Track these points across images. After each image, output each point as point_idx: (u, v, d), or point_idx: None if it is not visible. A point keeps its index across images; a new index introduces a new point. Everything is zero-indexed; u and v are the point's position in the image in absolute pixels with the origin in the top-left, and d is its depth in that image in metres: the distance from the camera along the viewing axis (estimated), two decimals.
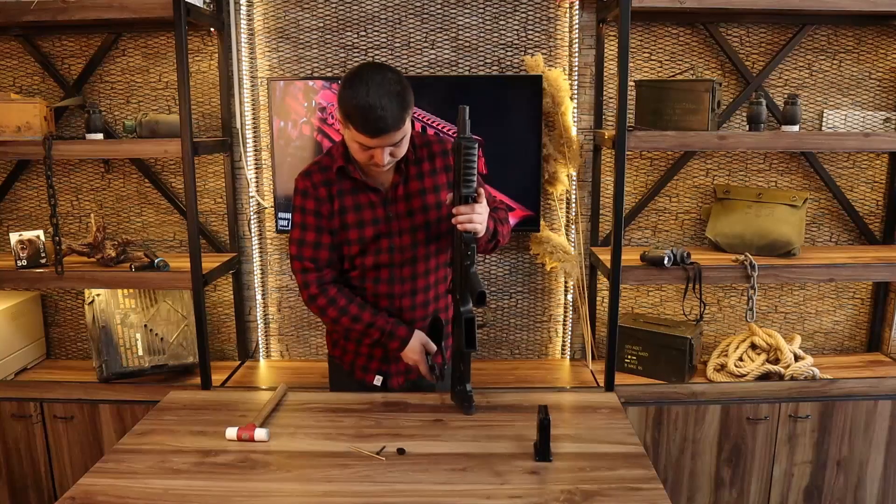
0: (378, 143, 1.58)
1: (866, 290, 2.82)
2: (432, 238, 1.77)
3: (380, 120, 1.54)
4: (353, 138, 1.60)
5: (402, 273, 1.77)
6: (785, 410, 2.44)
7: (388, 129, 1.55)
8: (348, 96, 1.55)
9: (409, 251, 1.76)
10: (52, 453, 2.51)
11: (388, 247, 1.74)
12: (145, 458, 1.50)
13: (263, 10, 2.59)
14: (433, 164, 1.77)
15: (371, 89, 1.54)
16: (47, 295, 2.84)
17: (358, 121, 1.55)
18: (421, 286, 1.80)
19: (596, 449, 1.54)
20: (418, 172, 1.75)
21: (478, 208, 1.62)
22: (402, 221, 1.74)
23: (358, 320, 1.74)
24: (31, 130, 2.38)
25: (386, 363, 1.86)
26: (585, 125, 2.65)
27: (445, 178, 1.77)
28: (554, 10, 2.59)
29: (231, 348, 2.83)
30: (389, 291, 1.78)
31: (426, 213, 1.75)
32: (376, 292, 1.79)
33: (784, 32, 2.60)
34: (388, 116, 1.54)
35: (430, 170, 1.76)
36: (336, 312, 1.74)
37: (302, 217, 1.74)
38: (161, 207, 2.75)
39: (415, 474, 1.43)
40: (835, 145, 2.37)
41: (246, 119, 2.63)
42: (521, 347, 2.83)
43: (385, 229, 1.74)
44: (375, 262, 1.76)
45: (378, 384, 1.85)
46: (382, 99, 1.53)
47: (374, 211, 1.73)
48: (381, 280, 1.77)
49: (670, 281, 2.42)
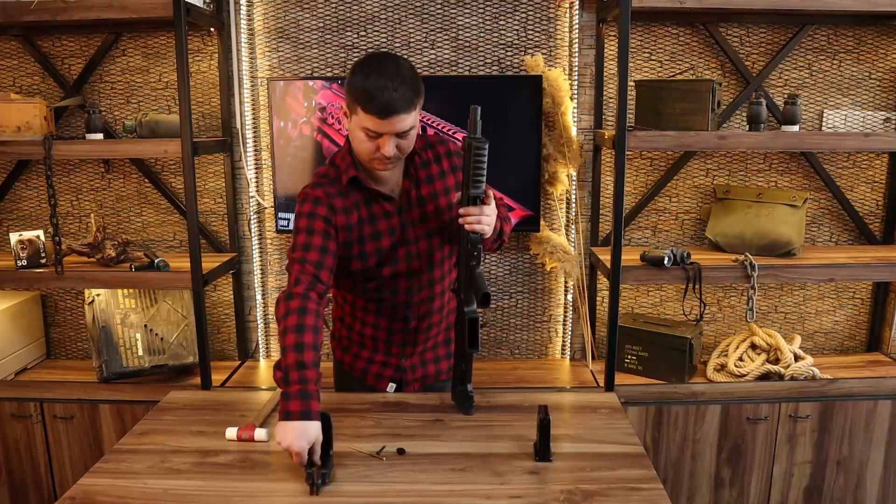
0: (387, 127, 1.51)
1: (866, 290, 2.82)
2: (446, 241, 1.74)
3: (391, 99, 1.47)
4: (359, 125, 1.53)
5: (420, 281, 1.72)
6: (785, 410, 2.44)
7: (398, 109, 1.49)
8: (358, 79, 1.50)
9: (425, 256, 1.71)
10: (52, 453, 2.51)
11: (406, 255, 1.69)
12: (145, 458, 1.50)
13: (263, 10, 2.59)
14: (441, 166, 1.72)
15: (383, 70, 1.49)
16: (47, 295, 2.84)
17: (368, 101, 1.48)
18: (438, 291, 1.76)
19: (596, 449, 1.54)
20: (428, 176, 1.70)
21: (486, 209, 1.57)
22: (417, 228, 1.69)
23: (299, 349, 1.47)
24: (31, 130, 2.38)
25: (401, 371, 1.82)
26: (585, 125, 2.65)
27: (454, 180, 1.72)
28: (554, 10, 2.59)
29: (231, 348, 2.83)
30: (407, 300, 1.73)
31: (440, 216, 1.70)
32: (395, 302, 1.73)
33: (784, 32, 2.60)
34: (400, 97, 1.48)
35: (438, 172, 1.71)
36: (294, 323, 1.50)
37: (309, 222, 1.61)
38: (161, 207, 2.75)
39: (415, 474, 1.43)
40: (835, 145, 2.37)
41: (246, 119, 2.63)
42: (521, 347, 2.83)
43: (401, 238, 1.68)
44: (393, 272, 1.70)
45: (391, 392, 1.82)
46: (395, 80, 1.48)
47: (390, 221, 1.67)
48: (400, 290, 1.72)
49: (670, 281, 2.42)
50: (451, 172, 1.72)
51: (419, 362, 1.83)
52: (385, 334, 1.78)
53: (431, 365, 1.84)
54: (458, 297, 1.66)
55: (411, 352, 1.81)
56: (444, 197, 1.71)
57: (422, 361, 1.83)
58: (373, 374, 1.84)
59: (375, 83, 1.48)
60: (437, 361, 1.85)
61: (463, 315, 1.63)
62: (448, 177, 1.72)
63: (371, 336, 1.80)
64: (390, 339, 1.79)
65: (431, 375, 1.85)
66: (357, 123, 1.54)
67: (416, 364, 1.83)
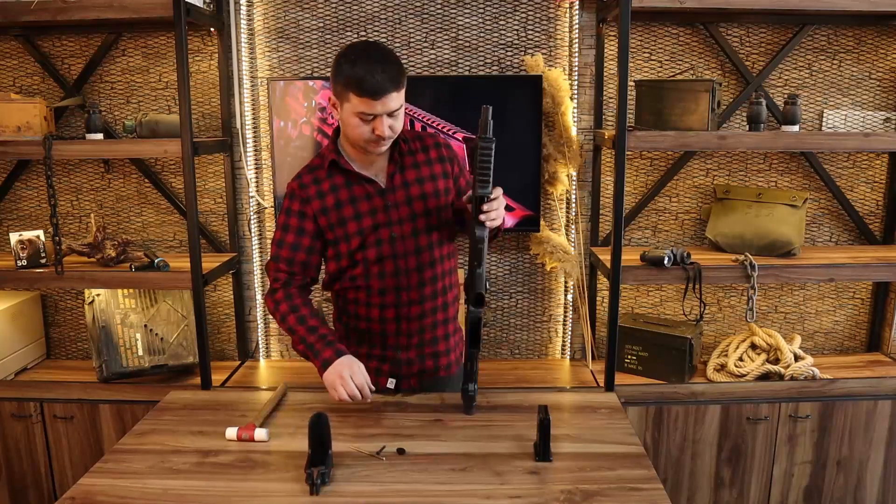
0: (380, 107, 1.58)
1: (866, 290, 2.82)
2: (433, 227, 1.78)
3: (381, 81, 1.56)
4: (352, 112, 1.61)
5: (408, 264, 1.76)
6: (785, 410, 2.44)
7: (389, 89, 1.57)
8: (346, 68, 1.58)
9: (410, 240, 1.75)
10: (52, 453, 2.51)
11: (389, 237, 1.74)
12: (145, 459, 1.50)
13: (263, 10, 2.59)
14: (427, 154, 1.79)
15: (368, 56, 1.58)
16: (47, 295, 2.84)
17: (359, 86, 1.56)
18: (428, 277, 1.78)
19: (596, 449, 1.54)
20: (413, 162, 1.77)
21: (494, 204, 1.63)
22: (401, 210, 1.74)
23: (303, 321, 1.72)
24: (31, 130, 2.38)
25: (398, 364, 1.83)
26: (585, 125, 2.65)
27: (441, 168, 1.79)
28: (554, 10, 2.59)
29: (231, 348, 2.83)
30: (396, 284, 1.77)
31: (425, 200, 1.76)
32: (383, 287, 1.77)
33: (784, 32, 2.60)
34: (389, 78, 1.57)
35: (424, 160, 1.78)
36: (287, 307, 1.74)
37: (286, 218, 1.76)
38: (161, 207, 2.75)
39: (415, 474, 1.43)
40: (835, 145, 2.37)
41: (246, 119, 2.63)
42: (521, 347, 2.83)
43: (384, 219, 1.73)
44: (378, 255, 1.75)
45: (392, 387, 1.83)
46: (381, 62, 1.57)
47: (371, 201, 1.73)
48: (386, 274, 1.76)
49: (670, 281, 2.42)
50: (437, 161, 1.80)
51: (416, 356, 1.83)
52: (378, 325, 1.80)
53: (430, 360, 1.84)
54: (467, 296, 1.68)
55: (406, 343, 1.81)
56: (431, 183, 1.77)
57: (419, 356, 1.83)
58: (372, 370, 1.85)
59: (364, 68, 1.56)
60: (435, 357, 1.85)
61: (467, 315, 1.66)
62: (435, 165, 1.79)
63: (366, 329, 1.82)
64: (384, 329, 1.80)
65: (430, 371, 1.85)
66: (350, 110, 1.62)
67: (413, 358, 1.83)
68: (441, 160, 1.79)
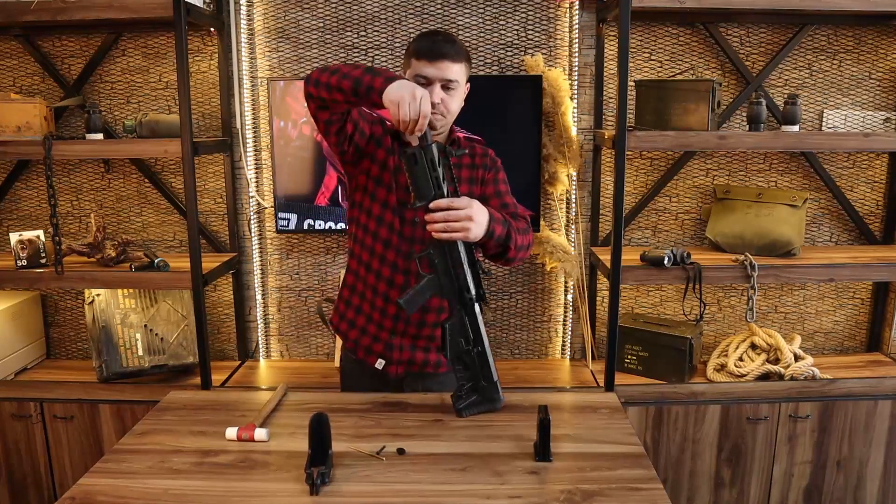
0: (437, 70, 1.66)
1: (866, 290, 2.82)
2: None
3: (440, 45, 1.67)
4: (412, 76, 1.68)
5: (413, 250, 1.76)
6: (785, 410, 2.44)
7: (449, 54, 1.66)
8: (414, 41, 1.71)
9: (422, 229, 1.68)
10: (52, 453, 2.51)
11: (412, 219, 1.76)
12: (145, 458, 1.50)
13: (263, 10, 2.59)
14: (473, 159, 1.82)
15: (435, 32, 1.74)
16: (47, 295, 2.84)
17: (419, 49, 1.67)
18: None
19: (596, 449, 1.54)
20: (457, 162, 1.79)
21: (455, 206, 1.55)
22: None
23: (356, 66, 1.61)
24: (31, 130, 2.38)
25: (390, 348, 1.84)
26: (585, 125, 2.65)
27: (468, 174, 1.81)
28: (554, 10, 2.59)
29: (231, 348, 2.83)
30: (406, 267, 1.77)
31: None
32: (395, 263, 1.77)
33: (784, 32, 2.60)
34: (449, 47, 1.67)
35: (469, 164, 1.81)
36: (335, 65, 1.63)
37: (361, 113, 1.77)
38: (161, 207, 2.75)
39: (414, 474, 1.43)
40: (835, 145, 2.37)
41: (246, 119, 2.63)
42: (521, 347, 2.83)
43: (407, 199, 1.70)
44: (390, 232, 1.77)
45: (380, 368, 1.84)
46: (445, 37, 1.71)
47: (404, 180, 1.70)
48: (401, 252, 1.77)
49: (670, 281, 2.42)
50: (468, 167, 1.83)
51: (409, 345, 1.83)
52: (382, 302, 1.81)
53: (420, 352, 1.84)
54: None
55: (403, 329, 1.82)
56: (467, 185, 1.80)
57: (412, 345, 1.83)
58: (363, 347, 1.87)
59: (428, 37, 1.71)
60: (426, 351, 1.84)
61: None
62: (464, 169, 1.82)
63: (370, 302, 1.83)
64: (385, 309, 1.81)
65: (418, 363, 1.84)
66: (410, 75, 1.70)
67: (405, 346, 1.83)
68: (473, 167, 1.82)
